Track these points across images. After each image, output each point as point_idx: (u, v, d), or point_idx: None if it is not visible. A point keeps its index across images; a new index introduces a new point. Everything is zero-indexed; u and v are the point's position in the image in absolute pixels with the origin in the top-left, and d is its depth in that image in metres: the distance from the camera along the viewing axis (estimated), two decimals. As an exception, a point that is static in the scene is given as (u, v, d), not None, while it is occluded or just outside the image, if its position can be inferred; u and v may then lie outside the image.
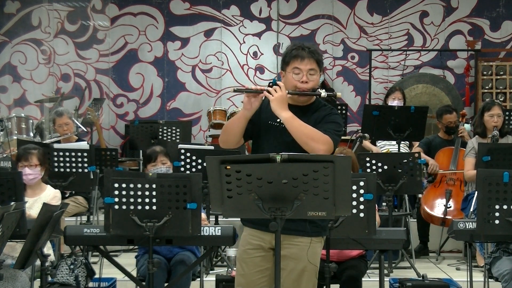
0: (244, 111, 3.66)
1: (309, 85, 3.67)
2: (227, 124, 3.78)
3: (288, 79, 3.70)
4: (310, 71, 3.67)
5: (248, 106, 3.64)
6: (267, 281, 3.67)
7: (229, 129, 3.73)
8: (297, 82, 3.67)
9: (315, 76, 3.69)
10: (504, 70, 9.89)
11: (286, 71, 3.71)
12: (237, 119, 3.70)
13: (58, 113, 7.56)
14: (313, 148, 3.53)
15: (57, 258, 5.28)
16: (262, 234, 3.65)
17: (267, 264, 3.66)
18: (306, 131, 3.56)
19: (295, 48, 3.70)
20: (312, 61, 3.67)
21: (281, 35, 10.26)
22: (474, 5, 10.20)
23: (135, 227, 4.23)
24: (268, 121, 3.72)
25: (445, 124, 7.53)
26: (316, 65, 3.68)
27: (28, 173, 5.27)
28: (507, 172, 4.27)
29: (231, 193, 3.24)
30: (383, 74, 10.27)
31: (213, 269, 6.39)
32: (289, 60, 3.69)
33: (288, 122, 3.57)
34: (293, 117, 3.57)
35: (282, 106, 3.58)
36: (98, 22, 10.35)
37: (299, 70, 3.67)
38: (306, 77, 3.66)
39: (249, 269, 3.69)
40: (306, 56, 3.66)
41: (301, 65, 3.66)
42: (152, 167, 5.36)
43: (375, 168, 6.23)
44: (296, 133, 3.55)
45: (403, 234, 4.79)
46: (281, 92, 3.59)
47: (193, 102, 10.35)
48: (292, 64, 3.68)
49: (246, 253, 3.70)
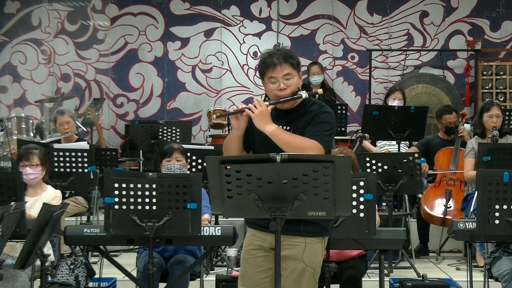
0: (235, 131, 3.70)
1: (288, 91, 3.65)
2: (225, 144, 3.79)
3: (267, 89, 3.71)
4: (285, 77, 3.65)
5: (236, 126, 3.69)
6: (270, 281, 3.67)
7: (228, 149, 3.75)
8: (276, 91, 3.66)
9: (291, 80, 3.65)
10: (504, 70, 9.89)
11: (264, 81, 3.72)
12: (231, 140, 3.73)
13: (59, 112, 7.58)
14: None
15: (57, 258, 5.28)
16: (263, 234, 3.66)
17: (269, 264, 3.66)
18: (292, 141, 3.56)
19: (267, 57, 3.68)
20: (285, 66, 3.64)
21: (281, 35, 10.26)
22: (474, 5, 10.20)
23: (135, 227, 4.23)
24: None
25: (444, 124, 7.54)
26: (290, 68, 3.64)
27: (29, 173, 5.28)
28: (507, 172, 4.27)
29: (231, 193, 3.25)
30: (383, 74, 10.27)
31: (213, 269, 6.39)
32: (263, 70, 3.69)
33: (273, 135, 3.57)
34: (277, 130, 3.58)
35: (265, 120, 3.58)
36: (98, 22, 10.35)
37: (274, 79, 3.65)
38: (283, 83, 3.65)
39: (252, 269, 3.70)
40: (278, 63, 3.63)
41: (275, 73, 3.64)
42: (167, 163, 5.38)
43: (375, 168, 6.23)
44: (283, 145, 3.55)
45: (403, 234, 4.79)
46: (261, 107, 3.59)
47: (193, 102, 10.34)
48: (266, 74, 3.67)
49: (249, 254, 3.72)
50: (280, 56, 3.65)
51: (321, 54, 10.22)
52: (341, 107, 8.31)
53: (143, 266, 4.75)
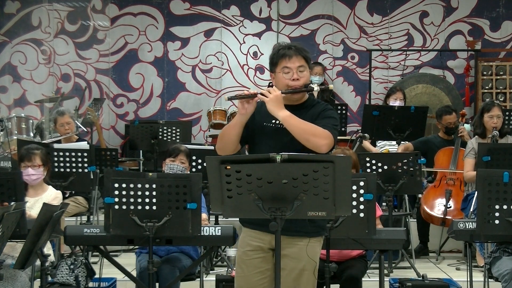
0: (240, 116, 3.68)
1: (301, 81, 3.69)
2: (223, 131, 3.78)
3: (279, 79, 3.72)
4: (299, 68, 3.70)
5: (243, 111, 3.66)
6: (267, 282, 3.67)
7: (226, 136, 3.73)
8: (288, 81, 3.69)
9: (305, 73, 3.71)
10: (504, 70, 9.89)
11: (276, 72, 3.74)
12: (232, 126, 3.71)
13: (59, 113, 7.57)
14: (315, 144, 3.54)
15: (57, 258, 5.28)
16: (261, 234, 3.65)
17: (267, 265, 3.66)
18: (306, 127, 3.57)
19: (281, 48, 3.74)
20: (300, 58, 3.70)
21: (281, 35, 10.26)
22: (474, 5, 10.20)
23: (135, 227, 4.24)
24: (263, 123, 3.73)
25: (444, 125, 7.54)
26: (304, 61, 3.71)
27: (31, 173, 5.28)
28: (507, 172, 4.27)
29: (231, 193, 3.25)
30: (383, 74, 10.27)
31: (213, 269, 6.39)
32: (277, 60, 3.72)
33: (286, 121, 3.58)
34: (291, 116, 3.59)
35: (278, 106, 3.60)
36: (98, 22, 10.35)
37: (288, 69, 3.69)
38: (297, 74, 3.69)
39: (249, 270, 3.68)
40: (294, 54, 3.69)
41: (290, 63, 3.69)
42: (171, 162, 5.39)
43: (375, 168, 6.23)
44: (295, 130, 3.56)
45: (403, 234, 4.79)
46: (275, 92, 3.61)
47: (193, 102, 10.34)
48: (280, 64, 3.71)
49: (246, 255, 3.70)
50: (296, 48, 3.72)
51: (321, 54, 10.22)
52: (341, 107, 8.30)
53: (142, 266, 4.76)
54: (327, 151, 3.58)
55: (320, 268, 4.57)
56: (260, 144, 3.71)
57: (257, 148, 3.72)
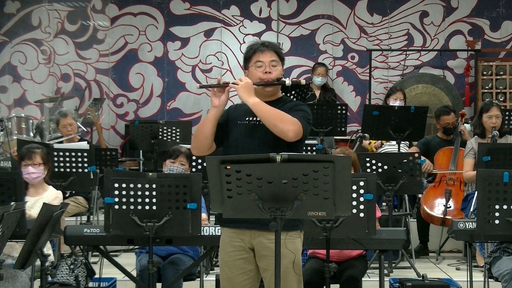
0: (213, 109, 3.71)
1: (273, 75, 3.74)
2: (197, 129, 3.79)
3: (252, 73, 3.77)
4: (272, 62, 3.75)
5: (216, 102, 3.71)
6: (251, 283, 3.68)
7: (200, 133, 3.73)
8: (260, 74, 3.74)
9: (277, 67, 3.76)
10: (504, 70, 9.89)
11: (249, 67, 3.78)
12: (207, 121, 3.72)
13: (62, 114, 7.55)
14: (282, 129, 3.57)
15: (57, 258, 5.28)
16: (240, 233, 3.64)
17: (249, 266, 3.66)
18: (274, 113, 3.61)
19: (254, 44, 3.80)
20: (273, 53, 3.76)
21: (281, 35, 10.26)
22: (474, 5, 10.20)
23: (135, 227, 4.24)
24: (237, 121, 3.76)
25: (442, 125, 7.54)
26: (277, 56, 3.77)
27: (31, 172, 5.28)
28: (507, 172, 4.28)
29: (231, 193, 3.25)
30: (383, 74, 10.27)
31: (213, 269, 6.38)
32: (250, 55, 3.78)
33: (255, 107, 3.62)
34: (260, 102, 3.64)
35: (248, 93, 3.65)
36: (98, 22, 10.35)
37: (261, 62, 3.75)
38: (269, 67, 3.74)
39: (232, 272, 3.67)
40: (266, 49, 3.76)
41: (262, 57, 3.75)
42: (171, 164, 5.39)
43: (375, 168, 6.23)
44: (264, 116, 3.60)
45: (403, 234, 4.79)
46: (246, 80, 3.68)
47: (193, 102, 10.35)
48: (253, 58, 3.76)
49: (228, 256, 3.69)
50: (269, 43, 3.81)
51: (321, 54, 10.22)
52: (341, 107, 8.29)
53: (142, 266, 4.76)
54: (294, 138, 3.59)
55: (320, 268, 4.60)
56: (235, 141, 3.72)
57: (232, 146, 3.73)
